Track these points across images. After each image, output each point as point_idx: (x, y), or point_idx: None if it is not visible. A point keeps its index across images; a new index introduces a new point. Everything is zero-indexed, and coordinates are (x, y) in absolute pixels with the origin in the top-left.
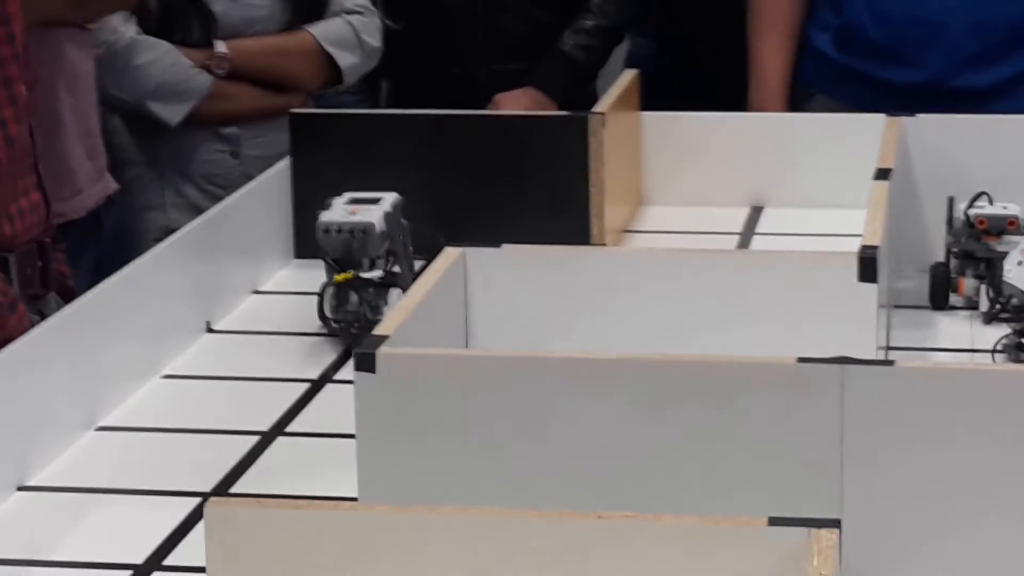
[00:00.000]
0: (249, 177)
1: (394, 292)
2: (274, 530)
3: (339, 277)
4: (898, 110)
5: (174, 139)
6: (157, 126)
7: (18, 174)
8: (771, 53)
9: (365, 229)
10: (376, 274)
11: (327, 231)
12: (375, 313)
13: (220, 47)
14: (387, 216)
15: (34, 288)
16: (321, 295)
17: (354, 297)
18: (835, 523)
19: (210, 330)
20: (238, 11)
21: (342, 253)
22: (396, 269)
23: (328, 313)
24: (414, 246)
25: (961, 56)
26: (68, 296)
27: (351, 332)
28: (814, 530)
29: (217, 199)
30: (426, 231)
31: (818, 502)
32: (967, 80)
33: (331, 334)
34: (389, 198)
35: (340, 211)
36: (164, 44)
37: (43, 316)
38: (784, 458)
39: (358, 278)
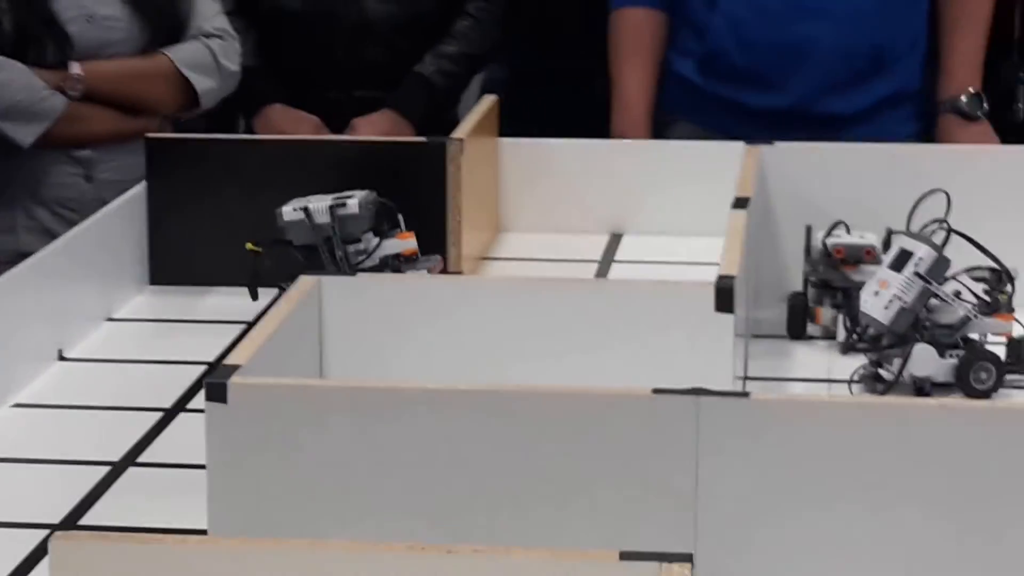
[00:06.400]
0: (103, 201)
1: None
2: (121, 564)
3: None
4: (762, 135)
5: (26, 161)
6: (9, 148)
7: None
8: (633, 79)
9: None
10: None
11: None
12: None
13: (75, 68)
14: (307, 211)
15: None
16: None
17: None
18: (687, 557)
19: (62, 358)
20: (94, 32)
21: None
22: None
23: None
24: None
25: (824, 82)
26: None
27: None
28: (665, 564)
29: (70, 223)
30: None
31: (673, 535)
32: (830, 105)
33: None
34: (327, 200)
35: (309, 199)
36: (17, 65)
37: None
38: (639, 490)
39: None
